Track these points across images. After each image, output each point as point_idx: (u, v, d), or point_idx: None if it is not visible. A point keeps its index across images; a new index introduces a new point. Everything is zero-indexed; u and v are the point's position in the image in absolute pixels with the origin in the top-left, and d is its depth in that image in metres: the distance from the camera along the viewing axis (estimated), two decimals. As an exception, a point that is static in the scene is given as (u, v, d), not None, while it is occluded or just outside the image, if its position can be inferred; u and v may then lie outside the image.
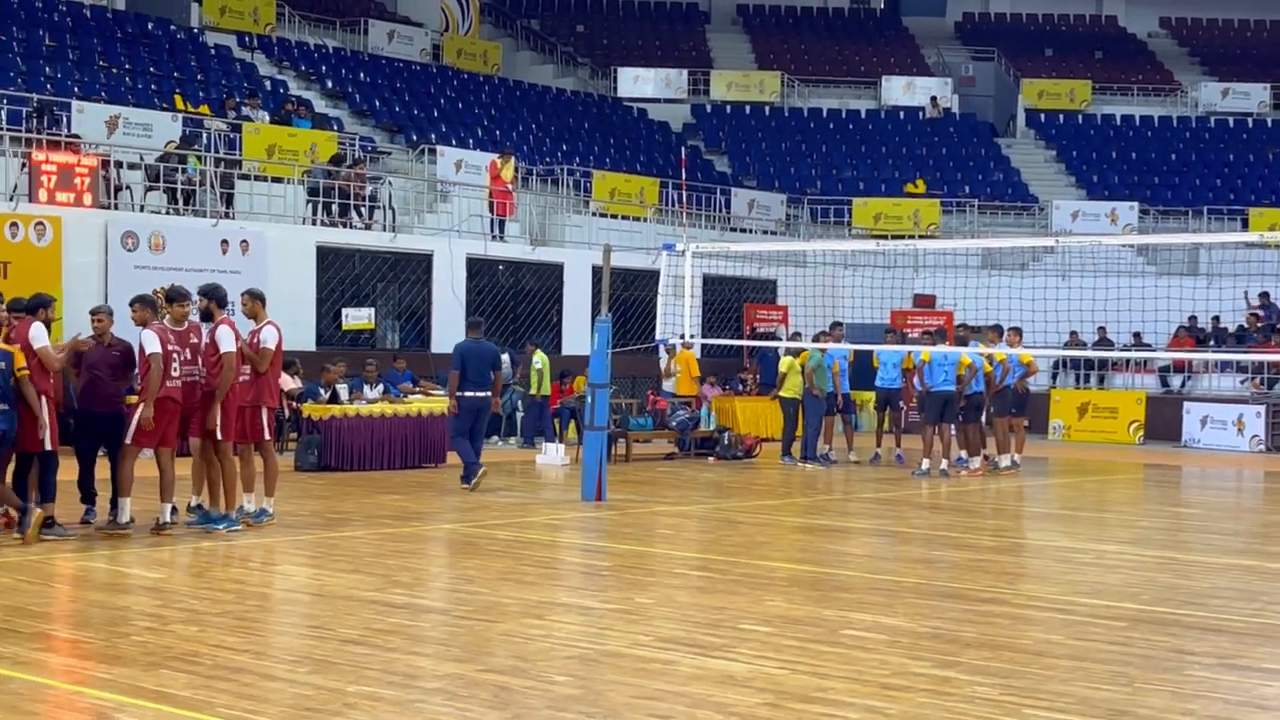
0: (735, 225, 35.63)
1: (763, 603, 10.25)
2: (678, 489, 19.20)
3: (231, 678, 7.66)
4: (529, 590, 10.61)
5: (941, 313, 31.71)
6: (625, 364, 26.82)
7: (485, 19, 45.32)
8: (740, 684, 7.71)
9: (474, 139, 34.38)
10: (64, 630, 8.82)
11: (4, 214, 21.08)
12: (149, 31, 32.99)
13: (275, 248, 24.10)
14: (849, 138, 43.49)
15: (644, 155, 38.97)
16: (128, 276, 21.41)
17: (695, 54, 46.97)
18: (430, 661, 8.16)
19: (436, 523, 14.76)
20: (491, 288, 27.64)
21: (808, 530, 15.24)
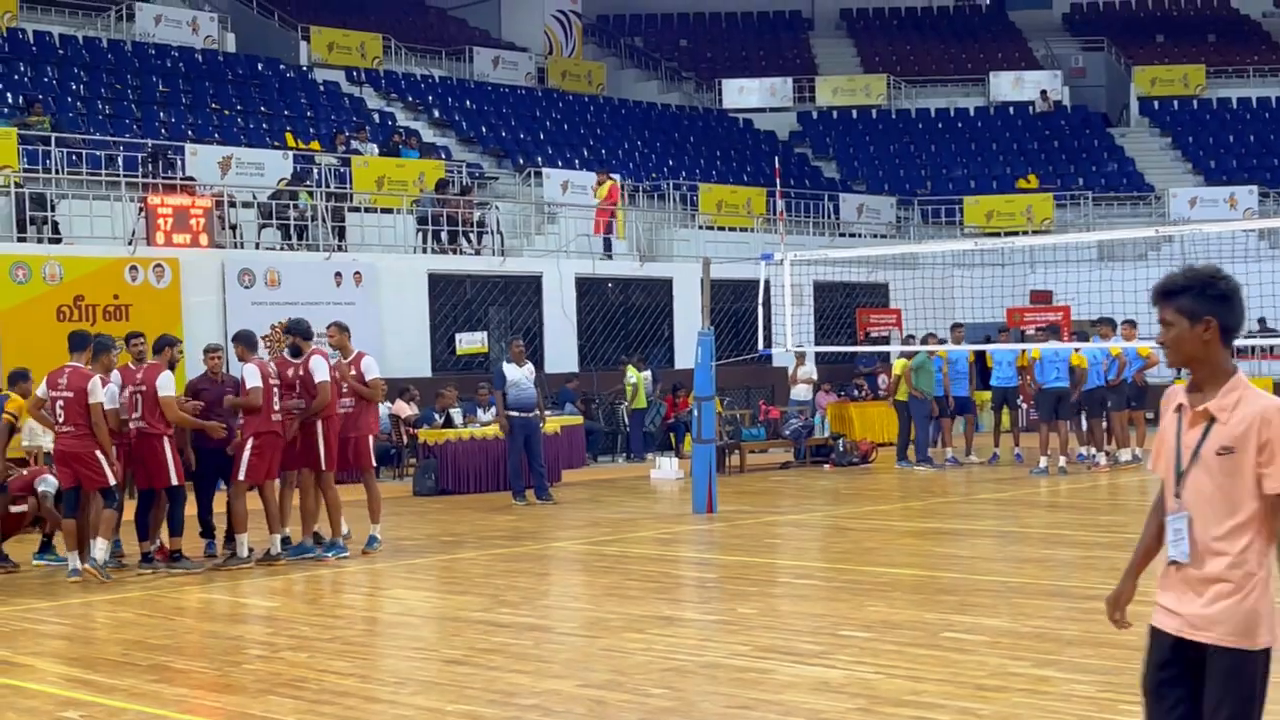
0: (845, 230, 35.51)
1: (864, 608, 10.26)
2: (790, 498, 19.20)
3: (336, 701, 7.86)
4: (632, 604, 10.72)
5: (1059, 308, 31.30)
6: (738, 375, 26.89)
7: (589, 39, 45.68)
8: (834, 690, 7.75)
9: (580, 159, 34.67)
10: (179, 661, 9.09)
11: (123, 258, 21.70)
12: (259, 72, 33.75)
13: (387, 277, 24.52)
14: (958, 136, 43.12)
15: (750, 166, 39.01)
16: (245, 313, 21.90)
17: (799, 61, 46.89)
18: (530, 679, 8.29)
19: (547, 541, 14.93)
20: (601, 306, 27.85)
21: (918, 534, 15.17)
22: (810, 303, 27.99)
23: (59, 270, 20.94)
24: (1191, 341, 4.49)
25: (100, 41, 32.56)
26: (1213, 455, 4.46)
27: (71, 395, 12.44)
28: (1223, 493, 4.45)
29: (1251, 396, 4.44)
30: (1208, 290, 4.49)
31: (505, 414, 18.07)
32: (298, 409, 13.36)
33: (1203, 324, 4.47)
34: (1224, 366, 4.51)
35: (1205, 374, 4.51)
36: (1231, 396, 4.45)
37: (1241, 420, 4.41)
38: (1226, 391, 4.47)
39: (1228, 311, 4.49)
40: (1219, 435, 4.46)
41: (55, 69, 30.12)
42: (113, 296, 21.27)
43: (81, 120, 27.62)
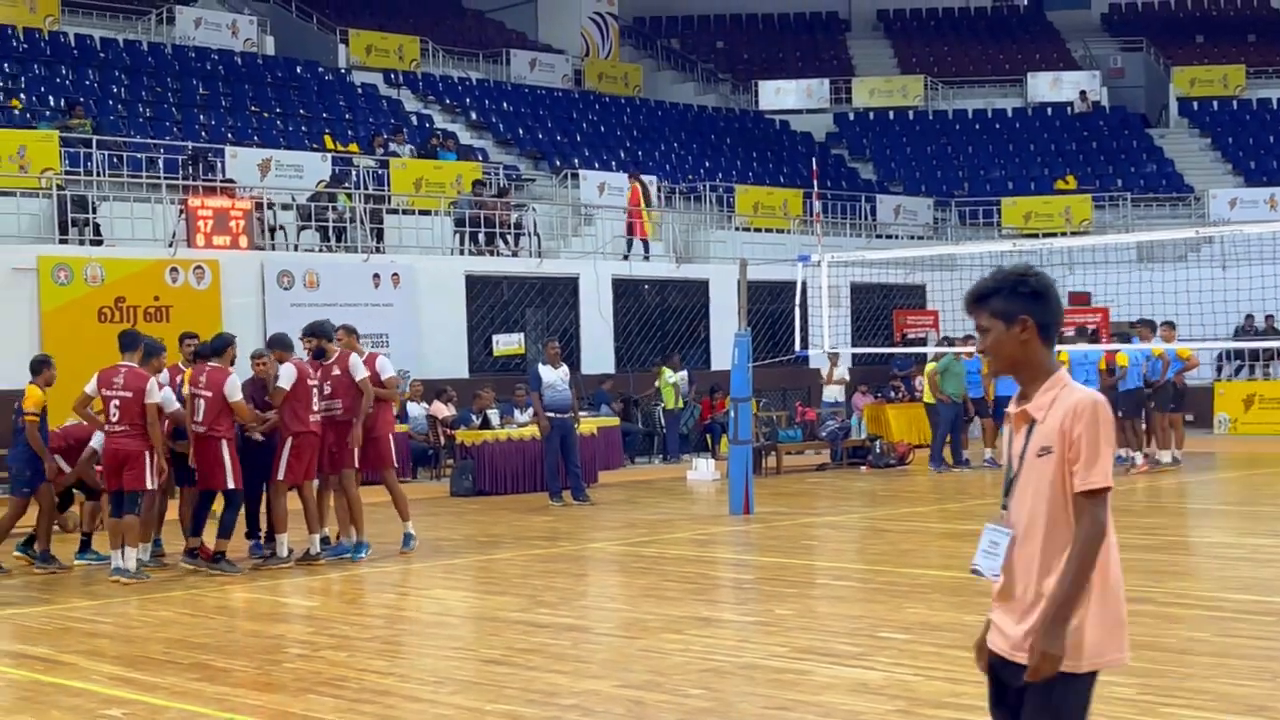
0: (882, 232, 35.44)
1: (903, 610, 10.24)
2: (827, 499, 19.19)
3: (376, 700, 7.91)
4: (670, 605, 10.74)
5: (1097, 309, 31.15)
6: (775, 376, 26.87)
7: (625, 41, 45.73)
8: (873, 692, 7.75)
9: (616, 161, 34.71)
10: (220, 660, 9.15)
11: (164, 259, 21.87)
12: (298, 74, 33.93)
13: (425, 279, 24.62)
14: (996, 137, 42.97)
15: (787, 167, 38.98)
16: (285, 314, 22.02)
17: (836, 62, 46.82)
18: (568, 679, 8.32)
19: (584, 542, 14.96)
20: (638, 307, 27.89)
21: (955, 536, 15.13)
22: (847, 304, 27.96)
23: (100, 272, 21.11)
24: (1010, 344, 4.31)
25: (141, 45, 32.80)
26: (1035, 458, 4.25)
27: (130, 395, 12.56)
28: (1046, 500, 4.22)
29: (1067, 392, 4.25)
30: (1019, 289, 4.32)
31: (547, 407, 18.16)
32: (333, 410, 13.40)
33: (1019, 324, 4.29)
34: (1046, 366, 4.32)
35: (1029, 376, 4.32)
36: (1049, 395, 4.27)
37: (1055, 415, 4.22)
38: (1045, 390, 4.29)
39: (1043, 309, 4.31)
40: (1038, 436, 4.26)
41: (96, 72, 30.35)
42: (153, 298, 21.45)
43: (122, 123, 27.82)
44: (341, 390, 13.46)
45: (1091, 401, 4.19)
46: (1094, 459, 4.15)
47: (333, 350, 13.61)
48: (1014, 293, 4.31)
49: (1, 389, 19.84)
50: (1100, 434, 4.17)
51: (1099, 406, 4.19)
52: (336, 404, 13.45)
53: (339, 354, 13.56)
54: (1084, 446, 4.15)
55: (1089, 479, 4.15)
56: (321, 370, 13.45)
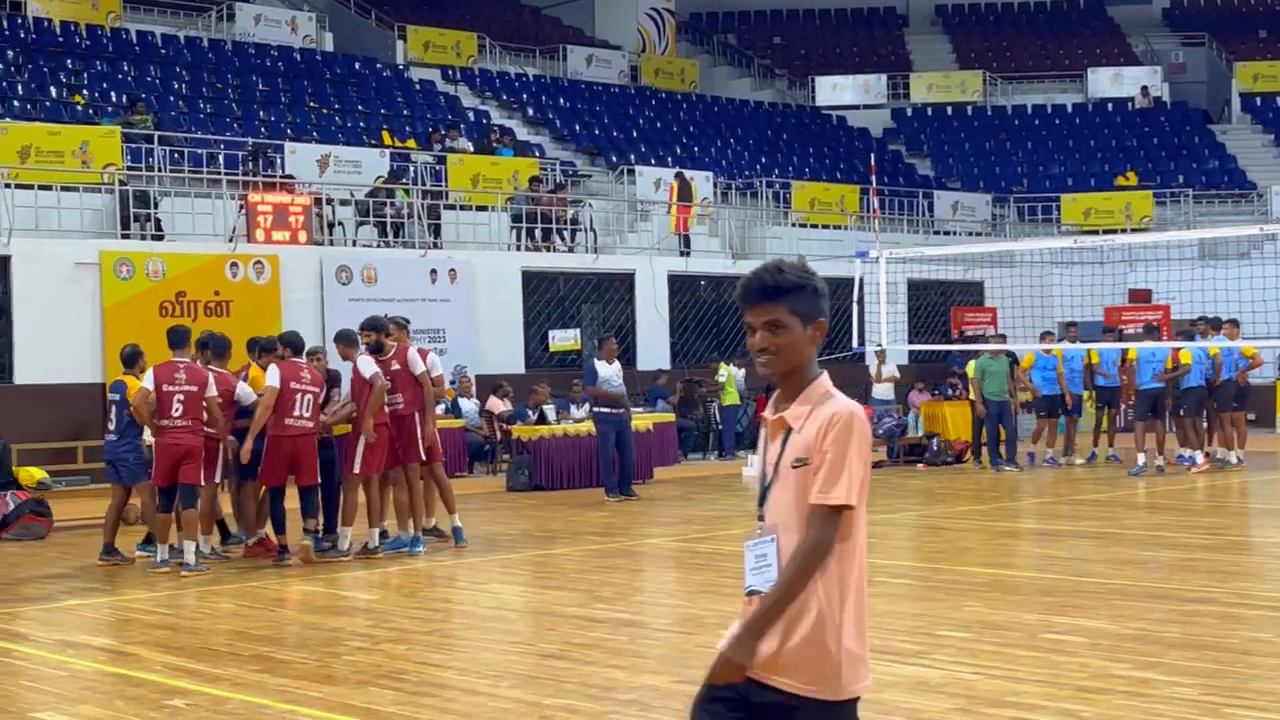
0: (939, 228, 35.27)
1: (962, 608, 10.19)
2: (884, 497, 19.08)
3: (435, 693, 7.94)
4: (727, 602, 10.71)
5: (1158, 307, 30.86)
6: (830, 373, 26.68)
7: (682, 37, 45.69)
8: (933, 690, 7.71)
9: (673, 157, 34.69)
10: (281, 652, 9.22)
11: (224, 254, 22.03)
12: (356, 71, 34.12)
13: (482, 274, 24.69)
14: (1055, 133, 42.64)
15: (844, 163, 38.84)
16: (343, 309, 22.15)
17: (894, 58, 46.61)
18: (626, 674, 8.32)
19: (641, 538, 14.97)
20: (694, 303, 27.87)
21: (1014, 534, 15.04)
22: (904, 301, 27.84)
23: (161, 267, 21.30)
24: (804, 345, 3.96)
25: (201, 41, 33.09)
26: (789, 469, 3.93)
27: (194, 390, 12.69)
28: (797, 514, 3.90)
29: (828, 400, 3.93)
30: (819, 289, 4.01)
31: (601, 403, 18.26)
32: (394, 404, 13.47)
33: (814, 326, 3.97)
34: (813, 372, 4.00)
35: (799, 382, 3.98)
36: (808, 404, 3.94)
37: (811, 426, 3.90)
38: (805, 398, 3.96)
39: (826, 313, 4.04)
40: (794, 445, 3.93)
41: (158, 68, 30.64)
42: (214, 293, 21.62)
43: (183, 119, 28.08)
44: (401, 385, 13.49)
45: (849, 414, 3.88)
46: (838, 474, 3.83)
47: (390, 345, 13.63)
48: (815, 292, 3.99)
49: (67, 382, 20.20)
50: (851, 449, 3.85)
51: (855, 419, 3.88)
52: (397, 399, 13.46)
53: (397, 349, 13.61)
54: (830, 460, 3.83)
55: (828, 493, 3.83)
56: (380, 365, 13.47)
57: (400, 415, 13.49)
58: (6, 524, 15.71)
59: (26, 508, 15.92)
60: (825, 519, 3.83)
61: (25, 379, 20.23)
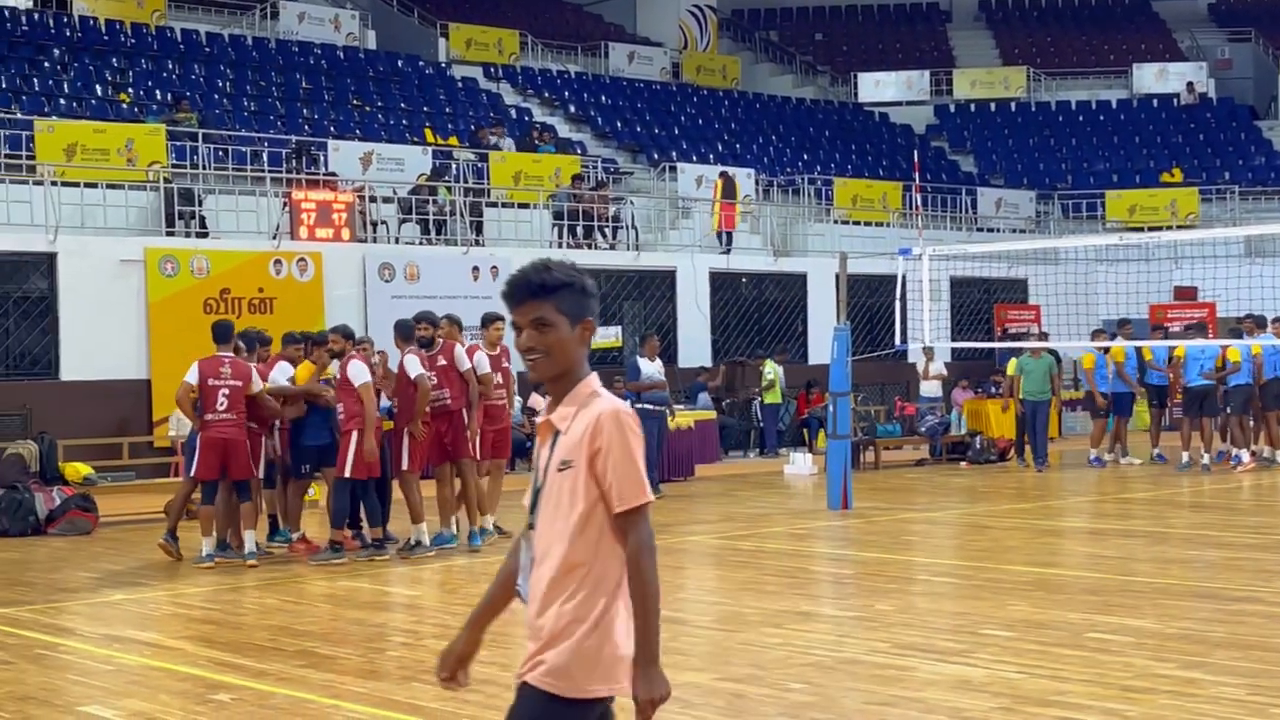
0: (983, 225, 35.11)
1: (1005, 607, 10.13)
2: (927, 495, 19.03)
3: (478, 689, 7.92)
4: (769, 599, 10.70)
5: (1204, 305, 30.65)
6: (873, 371, 26.70)
7: (724, 34, 45.65)
8: (976, 689, 7.67)
9: (714, 154, 34.66)
10: (325, 647, 9.25)
11: (268, 252, 22.14)
12: (399, 69, 34.23)
13: (524, 272, 24.68)
14: (1100, 129, 42.38)
15: (886, 160, 38.70)
16: (385, 306, 22.23)
17: (937, 54, 46.43)
18: (668, 671, 8.16)
19: (682, 535, 14.96)
20: (735, 300, 27.82)
21: (1058, 533, 14.96)
22: (947, 298, 27.72)
23: (206, 264, 21.43)
24: (572, 346, 3.87)
25: (245, 39, 33.27)
26: (556, 473, 3.84)
27: (240, 384, 12.78)
28: (565, 518, 3.82)
29: (593, 401, 3.84)
30: (588, 288, 3.92)
31: (643, 400, 18.33)
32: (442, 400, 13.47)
33: (583, 325, 3.89)
34: (582, 373, 3.91)
35: (568, 383, 3.88)
36: (574, 405, 3.86)
37: (578, 427, 3.81)
38: (572, 398, 3.87)
39: (595, 313, 3.95)
40: (561, 448, 3.85)
41: (202, 67, 30.83)
42: (257, 289, 21.72)
43: (227, 117, 28.23)
44: (448, 380, 13.45)
45: (613, 412, 3.79)
46: (626, 475, 3.75)
47: (438, 340, 13.61)
48: (584, 291, 3.90)
49: (112, 378, 20.36)
50: (629, 447, 3.77)
51: (622, 416, 3.79)
52: (445, 394, 13.43)
53: (443, 345, 13.61)
54: (613, 464, 3.74)
55: (625, 497, 3.75)
56: (428, 360, 13.47)
57: (449, 411, 13.48)
58: (52, 519, 15.84)
59: (72, 503, 16.06)
60: (636, 522, 3.78)
61: (71, 375, 20.40)
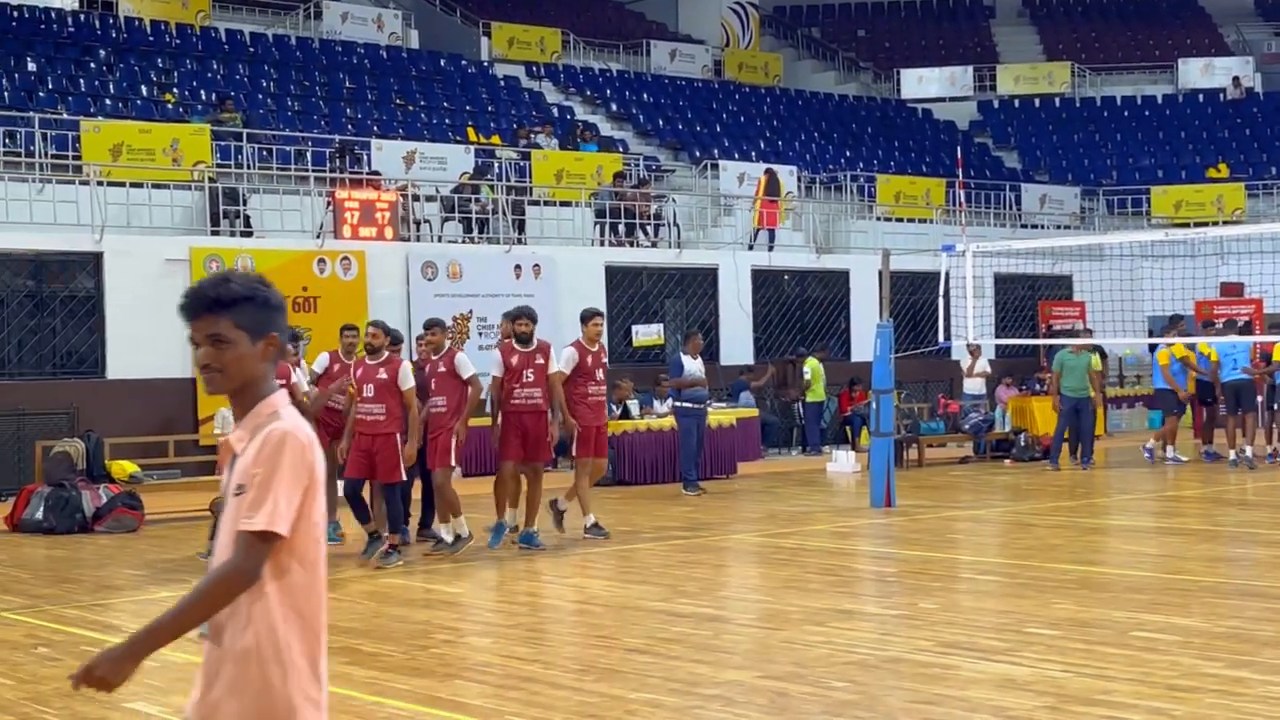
0: (1027, 222, 34.89)
1: (1050, 605, 10.08)
2: (970, 493, 18.94)
3: (521, 686, 7.98)
4: (812, 597, 10.68)
5: (1250, 300, 30.39)
6: (916, 368, 26.59)
7: (766, 31, 45.55)
8: (1021, 687, 7.63)
9: (756, 151, 34.59)
10: (368, 644, 9.30)
11: (312, 251, 22.24)
12: (442, 68, 34.32)
13: (565, 270, 24.73)
14: (1145, 125, 42.08)
15: (929, 156, 38.52)
16: (428, 305, 22.28)
17: (980, 50, 46.19)
18: (711, 669, 8.32)
19: (724, 533, 14.95)
20: (777, 298, 27.75)
21: (1103, 531, 14.87)
22: (991, 295, 27.58)
23: (250, 263, 21.52)
24: (253, 362, 3.70)
25: (289, 39, 33.44)
26: (233, 496, 3.63)
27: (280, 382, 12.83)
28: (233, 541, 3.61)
29: (270, 422, 3.66)
30: (270, 301, 3.75)
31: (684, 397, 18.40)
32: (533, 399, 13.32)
33: (266, 341, 3.72)
34: (266, 390, 3.74)
35: (250, 400, 3.72)
36: (253, 424, 3.69)
37: (251, 449, 3.63)
38: (251, 418, 3.70)
39: (283, 327, 3.79)
40: (237, 471, 3.66)
41: (246, 66, 30.99)
42: (301, 288, 21.81)
43: (271, 116, 28.38)
44: (542, 379, 13.36)
45: (281, 434, 3.60)
46: (263, 498, 3.53)
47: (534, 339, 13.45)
48: (266, 304, 3.74)
49: (158, 376, 20.49)
50: (280, 471, 3.56)
51: (289, 439, 3.60)
52: (536, 393, 13.31)
53: (538, 343, 13.43)
54: (258, 483, 3.54)
55: (251, 518, 3.52)
56: (524, 358, 13.33)
57: (541, 411, 13.35)
58: (99, 517, 15.97)
59: (118, 501, 16.19)
60: (248, 546, 3.51)
61: (117, 374, 20.56)
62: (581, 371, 14.05)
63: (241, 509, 3.55)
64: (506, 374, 13.30)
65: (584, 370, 14.06)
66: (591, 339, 14.32)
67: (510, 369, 13.29)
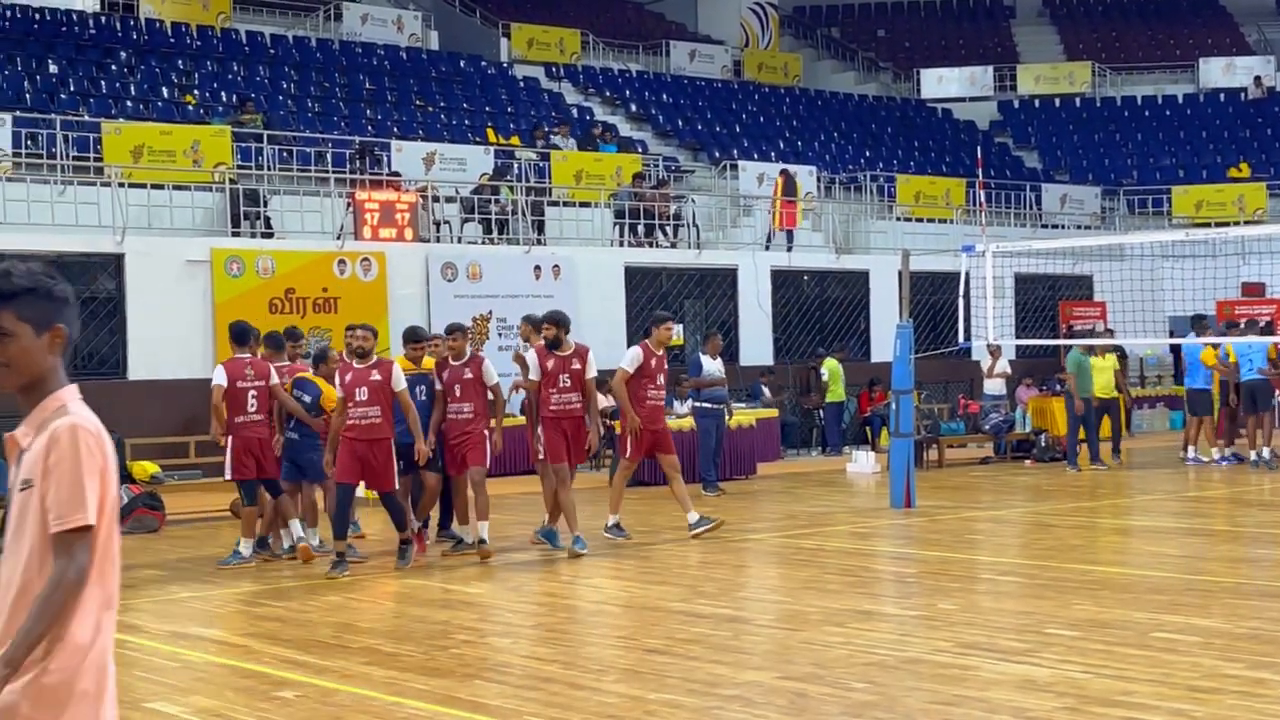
0: (1047, 221, 34.81)
1: (1070, 606, 10.05)
2: (990, 493, 18.90)
3: (540, 687, 7.98)
4: (831, 598, 10.67)
5: (1271, 300, 30.28)
6: (936, 368, 26.55)
7: (785, 31, 45.53)
8: (1041, 688, 7.61)
9: (776, 152, 34.57)
10: (388, 645, 9.31)
11: (332, 252, 22.30)
12: (461, 69, 34.38)
13: (585, 270, 24.76)
14: (1166, 124, 41.95)
15: (949, 156, 38.47)
16: (448, 306, 22.34)
17: (1000, 50, 46.11)
18: (730, 669, 8.31)
19: (744, 533, 14.94)
20: (797, 298, 27.74)
21: (1124, 532, 14.82)
22: (1011, 295, 27.51)
23: (271, 264, 21.60)
24: (39, 355, 3.60)
25: (309, 41, 33.53)
26: (19, 493, 3.57)
27: (263, 384, 12.93)
28: (27, 544, 3.56)
29: (59, 416, 3.59)
30: (55, 293, 3.64)
31: (703, 397, 18.44)
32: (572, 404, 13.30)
33: (52, 333, 3.62)
34: (55, 383, 3.65)
35: (39, 395, 3.64)
36: (40, 418, 3.61)
37: (39, 444, 3.56)
38: (39, 412, 3.62)
39: (73, 319, 3.68)
40: (23, 466, 3.59)
41: (267, 68, 31.09)
42: (322, 289, 21.89)
43: (292, 118, 28.45)
44: (578, 385, 13.25)
45: (69, 426, 3.54)
46: (69, 493, 3.50)
47: (569, 343, 13.32)
48: (50, 296, 3.63)
49: (179, 377, 20.56)
50: (78, 463, 3.52)
51: (79, 431, 3.55)
52: (573, 398, 13.21)
53: (575, 348, 13.32)
54: (56, 480, 3.50)
55: (63, 516, 3.49)
56: (560, 362, 13.20)
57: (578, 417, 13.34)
58: (120, 517, 15.99)
59: (139, 502, 16.24)
60: (74, 544, 3.51)
61: (138, 374, 20.64)
62: (644, 373, 14.00)
63: (49, 509, 3.51)
64: (542, 378, 13.19)
65: (646, 372, 14.01)
66: (660, 343, 14.22)
67: (546, 373, 13.19)
